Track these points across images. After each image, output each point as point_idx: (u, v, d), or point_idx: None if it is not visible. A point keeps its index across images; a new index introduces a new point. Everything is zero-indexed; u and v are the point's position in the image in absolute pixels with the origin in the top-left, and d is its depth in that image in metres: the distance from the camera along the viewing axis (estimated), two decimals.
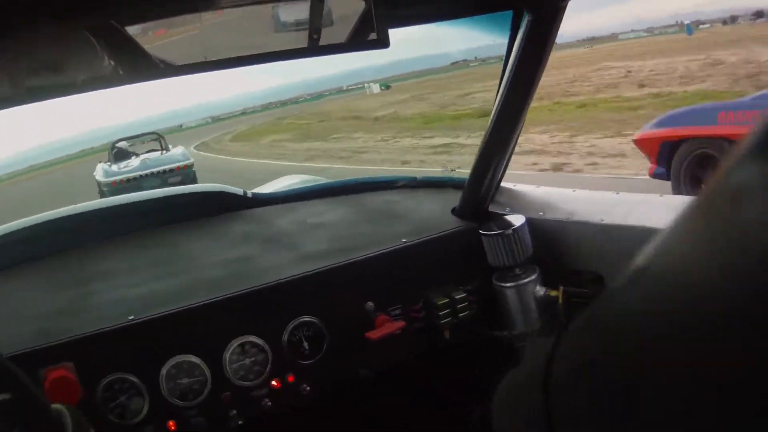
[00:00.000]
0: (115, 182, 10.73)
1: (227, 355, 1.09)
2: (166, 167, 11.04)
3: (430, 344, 1.24)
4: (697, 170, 4.08)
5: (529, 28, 1.03)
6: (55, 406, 0.74)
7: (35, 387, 0.73)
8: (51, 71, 0.89)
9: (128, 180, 10.70)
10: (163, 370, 1.05)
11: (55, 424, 0.73)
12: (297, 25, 1.06)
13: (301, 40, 1.06)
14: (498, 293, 1.22)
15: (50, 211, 1.51)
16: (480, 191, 1.27)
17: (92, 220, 1.52)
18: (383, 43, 1.03)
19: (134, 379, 1.03)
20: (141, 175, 10.87)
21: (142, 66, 0.92)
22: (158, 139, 12.84)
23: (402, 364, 1.23)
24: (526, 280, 1.19)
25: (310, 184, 1.72)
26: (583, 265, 1.18)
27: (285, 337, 1.12)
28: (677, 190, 4.17)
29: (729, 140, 3.72)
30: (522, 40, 1.04)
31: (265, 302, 1.12)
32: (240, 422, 1.11)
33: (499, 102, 1.13)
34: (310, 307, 1.14)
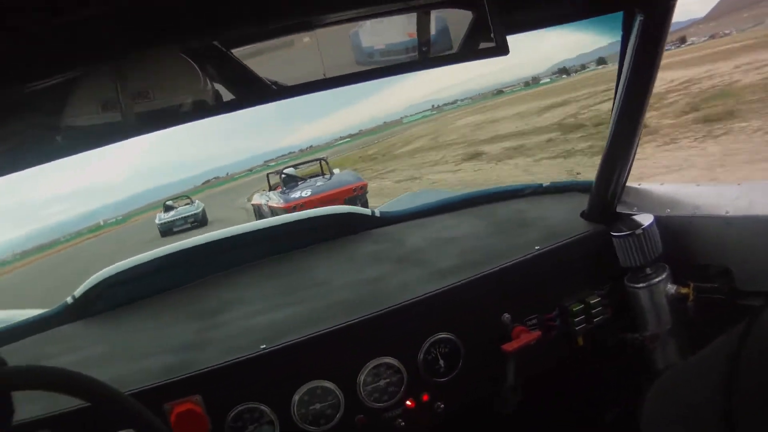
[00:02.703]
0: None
1: (361, 378, 1.07)
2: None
3: (564, 352, 1.21)
4: None
5: (642, 29, 1.02)
6: None
7: (158, 421, 0.73)
8: (154, 102, 0.87)
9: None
10: (296, 397, 1.03)
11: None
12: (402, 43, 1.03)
13: (411, 53, 1.04)
14: (630, 295, 1.20)
15: (179, 242, 1.52)
16: (607, 193, 1.25)
17: (220, 249, 1.52)
18: (502, 50, 1.00)
19: (264, 408, 1.02)
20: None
21: (253, 89, 0.90)
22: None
23: (538, 375, 1.20)
24: (657, 280, 1.17)
25: (436, 200, 1.69)
26: (710, 259, 1.15)
27: (420, 356, 1.10)
28: None
29: None
30: (636, 40, 1.04)
31: (399, 322, 1.10)
32: None
33: (619, 103, 1.11)
34: (446, 324, 1.11)
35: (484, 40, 1.03)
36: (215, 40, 0.84)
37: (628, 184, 1.27)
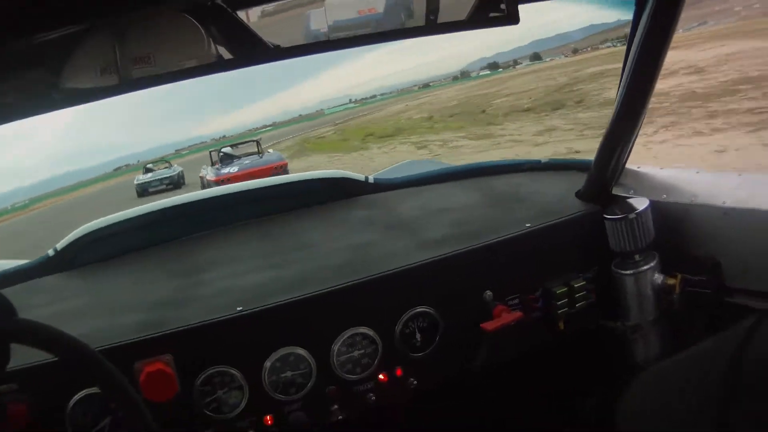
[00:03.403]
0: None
1: (336, 347, 1.05)
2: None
3: (544, 335, 1.20)
4: None
5: (655, 5, 0.98)
6: None
7: (126, 381, 0.72)
8: (154, 57, 0.84)
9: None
10: (267, 363, 1.02)
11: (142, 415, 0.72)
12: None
13: (418, 18, 1.01)
14: (616, 281, 1.18)
15: (163, 200, 1.49)
16: (605, 173, 1.23)
17: (208, 207, 1.49)
18: (513, 18, 0.97)
19: (235, 372, 1.00)
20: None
21: (253, 49, 0.88)
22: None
23: (514, 357, 1.19)
24: (645, 268, 1.15)
25: (432, 169, 1.66)
26: (702, 249, 1.13)
27: (398, 328, 1.08)
28: None
29: None
30: (647, 17, 0.99)
31: (379, 292, 1.08)
32: (340, 417, 1.08)
33: (625, 82, 1.08)
34: (426, 297, 1.09)
35: (494, 9, 1.01)
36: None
37: (627, 166, 1.24)
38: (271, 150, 16.11)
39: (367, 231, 1.32)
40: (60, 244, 1.38)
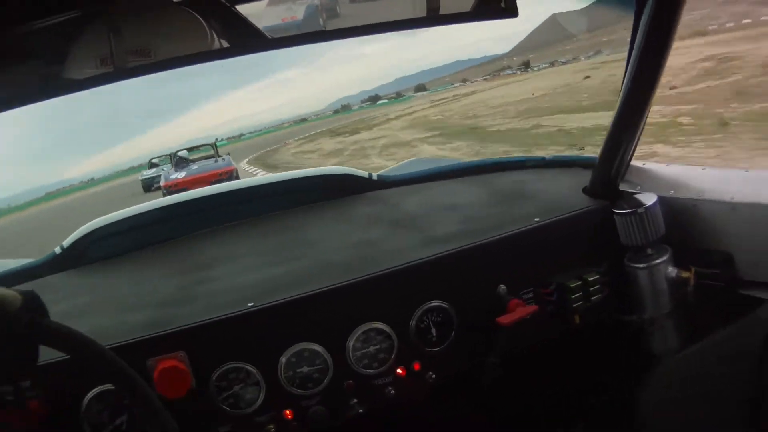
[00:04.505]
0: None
1: (351, 343, 1.04)
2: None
3: (559, 329, 1.19)
4: None
5: (656, 2, 0.99)
6: None
7: (140, 377, 0.72)
8: (151, 46, 0.85)
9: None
10: (283, 359, 1.01)
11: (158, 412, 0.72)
12: None
13: (419, 9, 1.01)
14: (629, 275, 1.17)
15: (166, 197, 1.50)
16: (611, 169, 1.23)
17: (212, 205, 1.49)
18: (511, 12, 0.98)
19: (251, 368, 1.00)
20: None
21: (250, 37, 0.89)
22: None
23: (529, 351, 1.18)
24: (658, 261, 1.14)
25: (436, 166, 1.67)
26: (713, 244, 1.13)
27: (413, 323, 1.07)
28: None
29: None
30: (649, 13, 1.00)
31: (392, 287, 1.07)
32: (360, 411, 1.07)
33: (629, 79, 1.09)
34: (439, 292, 1.09)
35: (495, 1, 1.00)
36: None
37: (632, 162, 1.25)
38: (225, 156, 16.21)
39: (372, 227, 1.32)
40: (66, 242, 1.37)
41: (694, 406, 0.69)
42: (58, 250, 1.37)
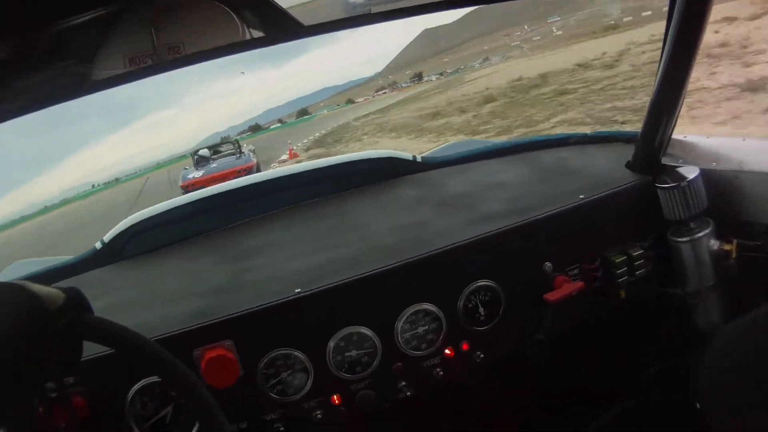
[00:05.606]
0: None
1: (399, 325, 1.05)
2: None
3: (606, 304, 1.19)
4: None
5: None
6: None
7: (186, 368, 0.70)
8: (184, 44, 0.86)
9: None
10: (331, 344, 1.02)
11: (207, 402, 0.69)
12: None
13: None
14: (673, 249, 1.17)
15: (211, 186, 1.50)
16: (653, 144, 1.23)
17: (256, 193, 1.50)
18: None
19: (299, 354, 1.00)
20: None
21: (284, 26, 0.89)
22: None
23: (577, 326, 1.18)
24: (700, 234, 1.15)
25: (479, 147, 1.67)
26: (755, 216, 1.13)
27: (460, 303, 1.08)
28: None
29: None
30: None
31: (439, 268, 1.08)
32: (409, 393, 1.07)
33: (668, 52, 1.09)
34: (486, 271, 1.09)
35: None
36: None
37: (673, 136, 1.25)
38: (248, 151, 16.28)
39: (419, 209, 1.32)
40: (107, 237, 1.38)
41: (747, 377, 0.70)
42: (98, 244, 1.37)
